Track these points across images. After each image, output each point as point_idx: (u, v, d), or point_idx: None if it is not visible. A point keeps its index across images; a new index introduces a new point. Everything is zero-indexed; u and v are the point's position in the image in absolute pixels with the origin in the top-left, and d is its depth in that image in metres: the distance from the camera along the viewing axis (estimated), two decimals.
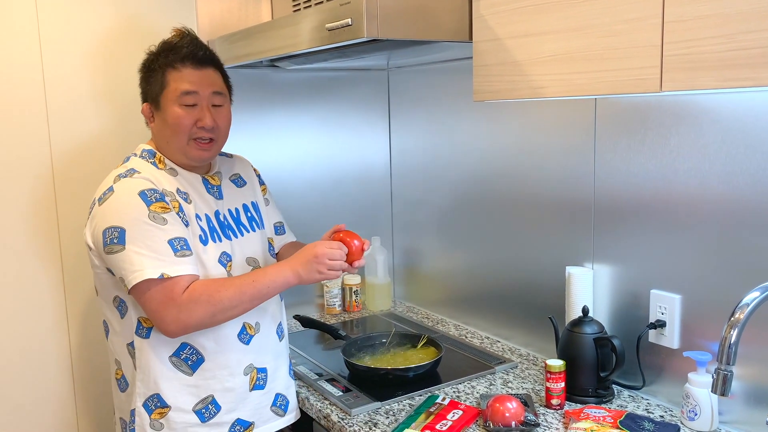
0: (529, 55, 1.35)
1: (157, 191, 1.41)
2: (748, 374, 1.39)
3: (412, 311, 2.36)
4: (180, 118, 1.47)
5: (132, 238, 1.36)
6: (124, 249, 1.36)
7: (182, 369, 1.46)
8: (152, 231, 1.37)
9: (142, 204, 1.38)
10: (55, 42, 1.86)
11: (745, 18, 0.98)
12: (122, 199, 1.39)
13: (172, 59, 1.48)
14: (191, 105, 1.47)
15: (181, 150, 1.50)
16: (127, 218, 1.37)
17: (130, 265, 1.35)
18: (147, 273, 1.35)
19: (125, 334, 1.48)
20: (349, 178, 2.37)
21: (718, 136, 1.39)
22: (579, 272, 1.68)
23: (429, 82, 2.21)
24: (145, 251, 1.36)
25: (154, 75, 1.50)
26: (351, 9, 1.38)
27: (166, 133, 1.49)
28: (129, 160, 1.51)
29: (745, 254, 1.37)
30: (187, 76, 1.48)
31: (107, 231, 1.37)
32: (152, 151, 1.53)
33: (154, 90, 1.50)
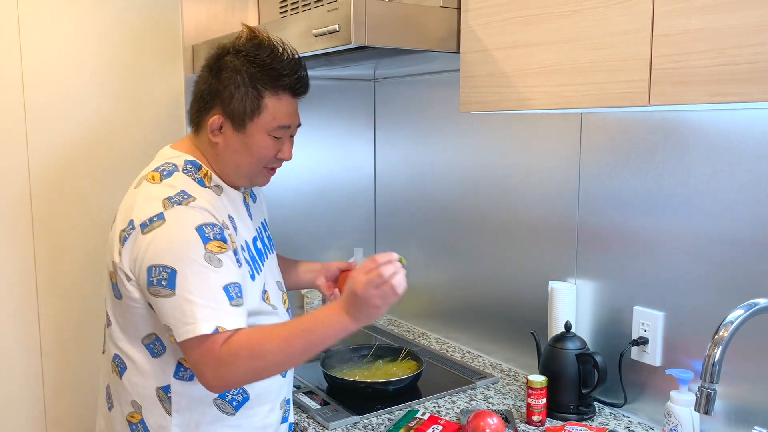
0: (517, 67, 1.34)
1: (216, 226, 1.21)
2: (730, 393, 1.38)
3: (394, 324, 2.33)
4: (268, 149, 1.31)
5: (184, 282, 1.15)
6: (174, 295, 1.15)
7: (226, 410, 1.31)
8: (207, 274, 1.17)
9: (198, 242, 1.17)
10: (35, 44, 1.83)
11: (735, 33, 0.97)
12: (176, 234, 1.18)
13: (277, 84, 1.28)
14: (280, 137, 1.33)
15: (249, 175, 1.34)
16: (179, 258, 1.16)
17: (182, 315, 1.15)
18: (201, 327, 1.14)
19: (157, 376, 1.28)
20: (334, 187, 2.35)
21: (704, 153, 1.39)
22: (562, 287, 1.67)
23: (415, 93, 2.20)
24: (198, 299, 1.15)
25: (248, 92, 1.27)
26: (339, 15, 1.36)
27: (241, 156, 1.30)
28: (172, 175, 1.26)
29: (728, 272, 1.36)
30: (286, 106, 1.30)
31: (154, 269, 1.17)
32: (197, 163, 1.31)
33: (240, 107, 1.27)
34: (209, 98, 1.30)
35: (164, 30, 2.00)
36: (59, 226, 1.90)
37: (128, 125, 1.97)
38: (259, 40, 1.30)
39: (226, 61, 1.29)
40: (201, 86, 1.32)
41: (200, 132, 1.33)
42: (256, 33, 1.30)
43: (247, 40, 1.30)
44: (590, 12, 1.18)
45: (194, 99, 1.34)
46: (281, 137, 1.32)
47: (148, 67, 1.99)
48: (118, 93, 1.96)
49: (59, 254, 1.90)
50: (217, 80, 1.29)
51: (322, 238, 2.35)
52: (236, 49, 1.29)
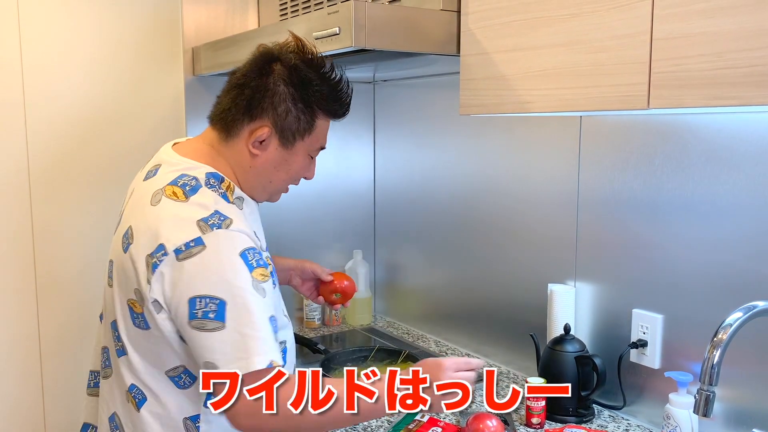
0: (517, 70, 1.34)
1: (257, 251, 1.13)
2: (729, 395, 1.38)
3: (393, 326, 2.33)
4: (304, 169, 1.27)
5: (235, 315, 1.07)
6: (225, 328, 1.06)
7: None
8: (257, 305, 1.09)
9: (245, 269, 1.09)
10: (36, 44, 1.83)
11: (734, 37, 0.98)
12: (222, 262, 1.09)
13: (334, 108, 1.24)
14: (314, 157, 1.29)
15: (274, 191, 1.29)
16: (229, 288, 1.07)
17: (234, 350, 1.06)
18: (256, 362, 1.06)
19: (183, 407, 1.19)
20: (333, 190, 2.35)
21: (703, 156, 1.39)
22: (561, 290, 1.67)
23: (415, 96, 2.20)
24: (252, 332, 1.07)
25: (305, 110, 1.21)
26: (339, 18, 1.37)
27: (278, 173, 1.24)
28: (197, 191, 1.15)
29: (727, 274, 1.37)
30: (327, 128, 1.27)
31: (197, 300, 1.07)
32: (219, 175, 1.20)
33: (292, 124, 1.20)
34: (258, 106, 1.19)
35: (165, 32, 2.01)
36: (59, 225, 1.90)
37: (128, 126, 1.97)
38: (312, 55, 1.22)
39: (277, 70, 1.19)
40: (247, 90, 1.20)
41: (234, 139, 1.22)
42: (306, 46, 1.22)
43: (299, 53, 1.21)
44: (590, 16, 1.19)
45: (234, 104, 1.21)
46: (314, 158, 1.29)
47: (149, 68, 1.99)
48: (118, 94, 1.96)
49: (59, 253, 1.90)
50: (268, 90, 1.19)
51: (321, 240, 2.35)
52: (290, 64, 1.20)
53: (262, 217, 2.09)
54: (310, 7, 1.86)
